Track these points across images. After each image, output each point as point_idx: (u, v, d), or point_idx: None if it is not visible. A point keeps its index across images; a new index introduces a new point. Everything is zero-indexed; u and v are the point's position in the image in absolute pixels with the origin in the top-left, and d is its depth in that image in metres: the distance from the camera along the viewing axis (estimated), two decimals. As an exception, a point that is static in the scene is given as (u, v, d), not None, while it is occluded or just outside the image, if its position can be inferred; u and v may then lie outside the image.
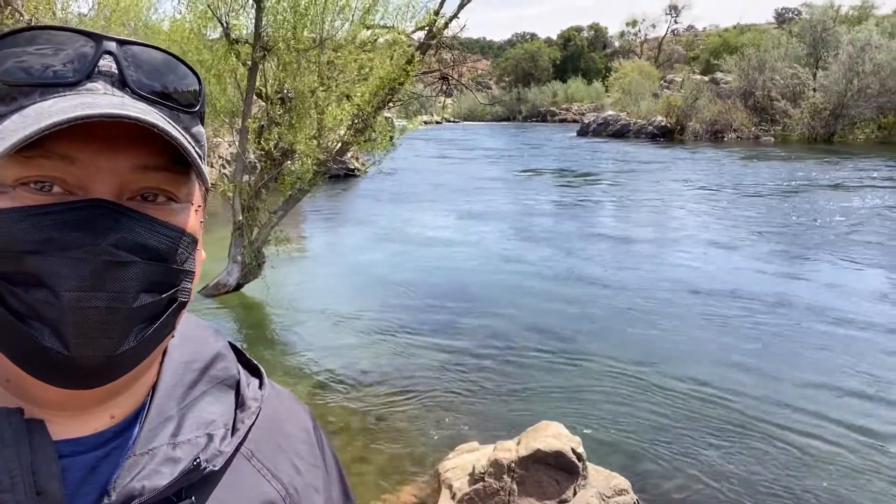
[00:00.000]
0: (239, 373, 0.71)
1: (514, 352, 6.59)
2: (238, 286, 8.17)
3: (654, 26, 75.98)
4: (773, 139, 33.00)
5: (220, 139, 17.42)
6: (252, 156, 8.76)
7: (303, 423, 0.77)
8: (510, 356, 6.49)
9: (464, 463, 4.13)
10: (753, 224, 12.90)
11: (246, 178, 8.28)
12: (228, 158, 15.87)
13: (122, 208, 0.52)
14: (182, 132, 0.56)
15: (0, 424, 0.53)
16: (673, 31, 76.22)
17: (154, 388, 0.63)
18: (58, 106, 0.49)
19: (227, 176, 8.99)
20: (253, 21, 7.59)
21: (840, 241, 11.36)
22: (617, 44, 78.42)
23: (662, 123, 36.04)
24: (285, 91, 7.85)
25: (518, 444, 3.98)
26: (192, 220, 0.59)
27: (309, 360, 6.45)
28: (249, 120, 7.94)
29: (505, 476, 3.79)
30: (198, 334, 0.71)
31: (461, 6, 8.50)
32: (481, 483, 3.83)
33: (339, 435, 4.93)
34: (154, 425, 0.60)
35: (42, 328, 0.50)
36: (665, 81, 48.33)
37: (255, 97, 8.08)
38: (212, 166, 18.23)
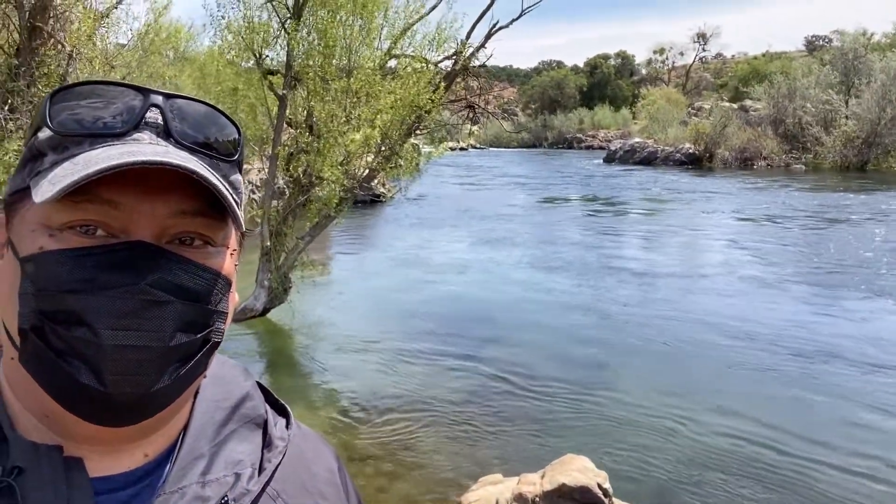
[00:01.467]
0: (267, 412, 0.73)
1: (539, 382, 6.50)
2: (265, 311, 8.23)
3: (681, 54, 75.97)
4: (804, 167, 32.54)
5: (249, 165, 17.77)
6: (281, 182, 8.89)
7: (328, 463, 0.78)
8: (534, 387, 6.40)
9: (487, 495, 4.05)
10: (786, 256, 12.59)
11: (274, 203, 8.40)
12: (258, 184, 16.13)
13: (160, 250, 0.55)
14: (220, 179, 0.58)
15: (41, 461, 0.55)
16: (701, 58, 76.11)
17: (186, 426, 0.64)
18: (104, 154, 0.52)
19: (256, 201, 9.13)
20: (285, 52, 7.77)
21: (876, 276, 11.01)
22: (644, 71, 78.52)
23: (690, 150, 35.79)
24: (314, 119, 7.98)
25: (542, 477, 3.90)
26: (228, 263, 0.61)
27: (333, 386, 6.44)
28: (279, 147, 8.08)
29: (529, 510, 3.71)
30: (228, 374, 0.72)
31: (488, 36, 8.60)
32: (505, 517, 3.75)
33: (362, 463, 4.89)
34: (185, 464, 0.61)
35: (80, 365, 0.52)
36: (693, 108, 48.13)
37: (284, 125, 8.23)
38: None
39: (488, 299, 9.68)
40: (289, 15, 7.69)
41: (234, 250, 0.62)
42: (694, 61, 74.86)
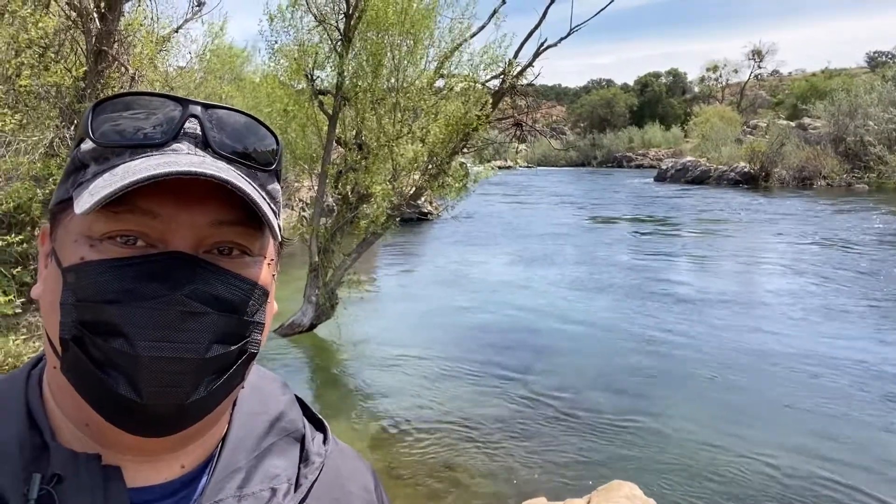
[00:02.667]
0: (304, 426, 0.72)
1: (584, 405, 6.36)
2: (311, 326, 8.34)
3: (735, 71, 74.30)
4: (866, 187, 31.18)
5: (300, 183, 18.17)
6: (330, 200, 9.05)
7: (365, 481, 0.76)
8: (580, 410, 6.26)
9: (530, 520, 3.97)
10: (849, 283, 11.88)
11: (323, 221, 8.54)
12: (308, 202, 16.48)
13: (197, 260, 0.55)
14: (258, 189, 0.58)
15: (79, 470, 0.55)
16: (756, 76, 74.32)
17: (224, 439, 0.64)
18: (143, 164, 0.52)
19: (305, 218, 9.30)
20: (335, 72, 7.95)
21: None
22: (697, 89, 77.10)
23: (745, 169, 34.81)
24: (362, 137, 8.11)
25: (588, 502, 3.79)
26: (265, 274, 0.60)
27: (376, 403, 6.45)
28: (328, 165, 8.24)
29: (573, 537, 3.61)
30: (266, 386, 0.72)
31: (536, 55, 8.60)
32: (548, 543, 3.65)
33: (403, 481, 4.86)
34: (222, 477, 0.61)
35: (118, 377, 0.52)
36: (748, 127, 46.92)
37: (334, 143, 8.39)
38: (292, 209, 18.97)
39: (534, 320, 9.56)
40: (339, 37, 7.87)
41: (272, 260, 0.62)
42: (749, 78, 73.13)
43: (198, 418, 0.56)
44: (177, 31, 8.17)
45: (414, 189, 8.75)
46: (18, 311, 5.61)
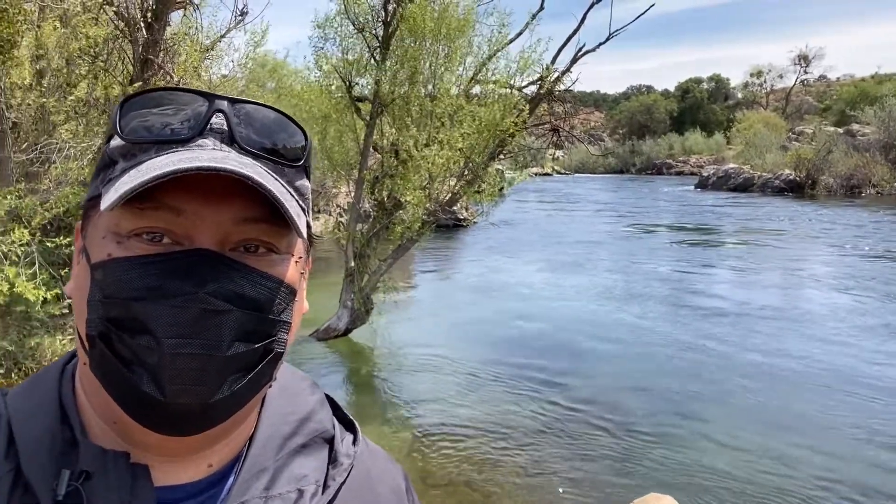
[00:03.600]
0: (334, 427, 0.71)
1: (621, 416, 6.24)
2: (347, 331, 8.41)
3: (781, 77, 72.54)
4: (920, 195, 30.03)
5: (338, 189, 18.39)
6: (367, 205, 9.12)
7: (395, 483, 0.75)
8: (616, 420, 6.15)
9: (564, 531, 3.90)
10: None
11: (359, 226, 8.61)
12: (345, 207, 16.65)
13: (221, 257, 0.54)
14: (285, 185, 0.58)
15: (107, 467, 0.55)
16: (802, 81, 72.40)
17: (251, 438, 0.63)
18: (166, 160, 0.52)
19: (342, 224, 9.40)
20: (372, 79, 8.03)
21: None
22: (740, 95, 75.53)
23: (791, 177, 33.92)
24: (399, 144, 8.16)
25: (623, 515, 3.71)
26: (291, 272, 0.59)
27: (411, 408, 6.45)
28: (365, 171, 8.31)
29: (608, 550, 3.53)
30: (295, 386, 0.71)
31: (574, 60, 8.53)
32: (582, 555, 3.59)
33: (435, 488, 4.84)
34: (248, 477, 0.60)
35: (142, 373, 0.52)
36: (793, 133, 45.75)
37: (371, 150, 8.47)
38: (330, 214, 19.21)
39: (570, 328, 9.45)
40: (377, 44, 7.95)
41: (300, 258, 0.61)
42: (795, 84, 71.29)
43: (223, 417, 0.56)
44: (220, 40, 8.36)
45: (449, 195, 8.76)
46: (66, 311, 5.80)
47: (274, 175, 0.57)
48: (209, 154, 0.53)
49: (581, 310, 10.48)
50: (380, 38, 7.94)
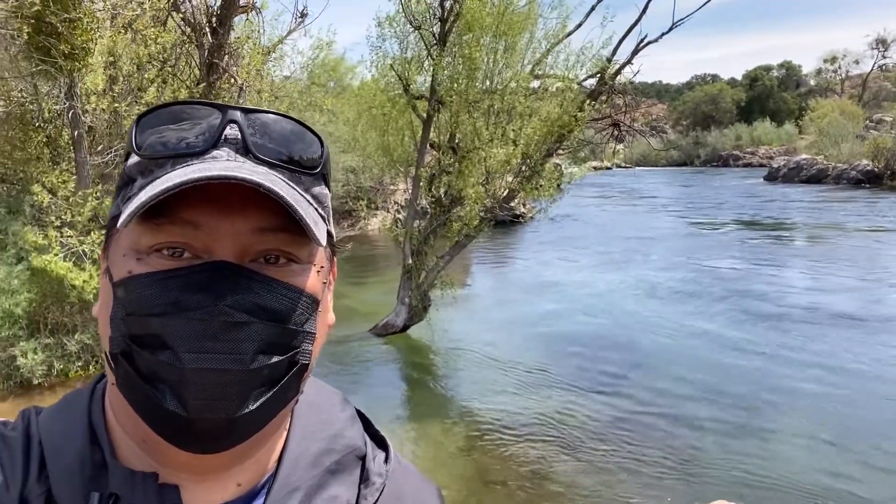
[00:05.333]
0: (366, 445, 0.69)
1: (685, 418, 6.05)
2: (404, 327, 8.47)
3: (857, 62, 68.57)
4: None
5: (395, 187, 18.58)
6: (424, 202, 9.16)
7: (428, 503, 0.73)
8: (679, 423, 5.96)
9: (625, 536, 3.80)
10: None
11: (417, 223, 8.66)
12: (403, 204, 16.79)
13: (240, 269, 0.53)
14: (301, 193, 0.56)
15: (135, 489, 0.55)
16: (881, 66, 68.27)
17: (281, 456, 0.62)
18: (179, 173, 0.51)
19: (400, 221, 9.48)
20: (430, 77, 8.04)
21: None
22: (812, 82, 71.90)
23: (868, 168, 32.08)
24: (456, 140, 8.15)
25: (688, 523, 3.58)
26: (313, 281, 0.58)
27: (468, 405, 6.44)
28: (422, 169, 8.34)
29: (671, 558, 3.42)
30: (325, 401, 0.70)
31: (634, 52, 8.29)
32: (644, 562, 3.49)
33: (494, 488, 4.82)
34: (280, 497, 0.59)
35: (165, 389, 0.51)
36: (871, 121, 43.28)
37: (428, 147, 8.49)
38: (388, 211, 19.42)
39: (631, 328, 9.23)
40: (434, 42, 7.95)
41: (322, 267, 0.59)
42: (872, 69, 67.32)
43: (250, 433, 0.55)
44: (282, 43, 8.55)
45: (507, 191, 8.68)
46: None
47: (290, 183, 0.56)
48: (222, 164, 0.52)
49: (642, 309, 10.21)
50: (437, 35, 7.94)
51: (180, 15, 6.64)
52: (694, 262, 13.98)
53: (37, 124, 6.72)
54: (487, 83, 8.15)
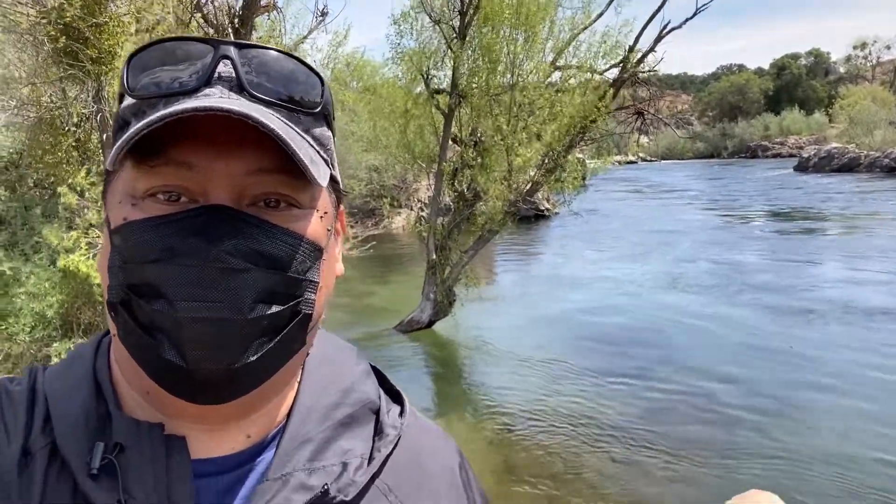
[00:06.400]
0: (380, 398, 0.67)
1: (716, 409, 5.94)
2: (430, 323, 8.47)
3: (888, 47, 66.85)
4: None
5: (418, 183, 18.59)
6: (447, 198, 9.15)
7: (448, 460, 0.70)
8: (710, 413, 5.86)
9: (657, 528, 3.74)
10: None
11: (440, 219, 8.65)
12: (426, 202, 16.80)
13: (238, 213, 0.51)
14: (301, 133, 0.54)
15: (141, 440, 0.53)
16: (914, 50, 66.43)
17: (292, 408, 0.61)
18: (169, 111, 0.48)
19: (423, 218, 9.49)
20: (450, 71, 8.02)
21: None
22: (842, 69, 70.31)
23: (902, 155, 31.23)
24: (478, 135, 8.12)
25: (722, 514, 3.51)
26: (315, 227, 0.55)
27: (494, 399, 6.41)
28: (445, 164, 8.33)
29: (705, 550, 3.35)
30: (339, 356, 0.68)
31: (657, 40, 8.16)
32: (677, 554, 3.43)
33: (521, 481, 4.78)
34: (289, 449, 0.58)
35: (163, 339, 0.49)
36: (905, 107, 42.07)
37: (450, 142, 8.47)
38: (411, 209, 19.45)
39: (658, 321, 9.09)
40: (454, 35, 7.93)
41: (325, 213, 0.57)
42: (906, 54, 65.54)
43: (254, 384, 0.53)
44: (303, 41, 8.60)
45: (530, 185, 8.63)
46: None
47: (288, 123, 0.53)
48: (213, 101, 0.49)
49: (670, 302, 10.06)
50: (456, 29, 7.91)
51: (202, 15, 6.71)
52: (722, 256, 13.73)
53: (66, 128, 6.86)
54: (509, 76, 8.10)
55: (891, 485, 4.55)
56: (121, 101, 0.56)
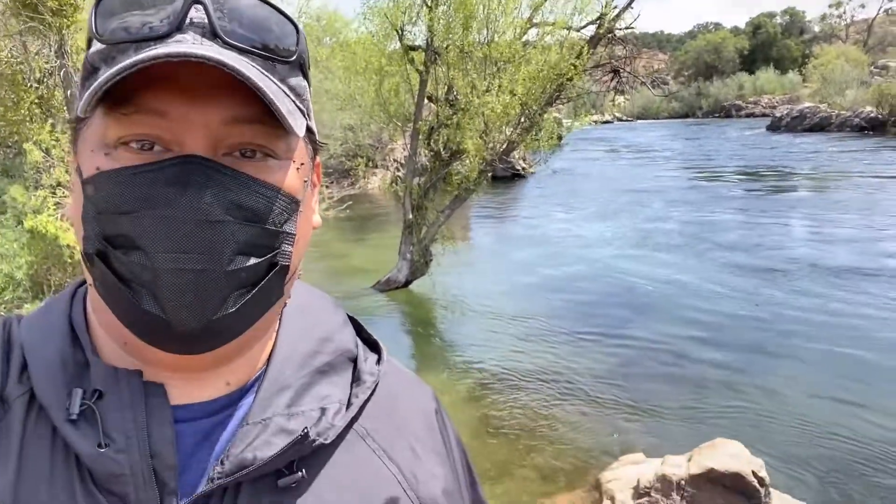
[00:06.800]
0: (357, 347, 0.68)
1: (686, 364, 6.13)
2: (407, 283, 8.51)
3: (863, 6, 67.25)
4: None
5: (394, 143, 18.39)
6: (423, 158, 9.08)
7: (424, 404, 0.72)
8: (681, 367, 6.05)
9: (627, 475, 3.89)
10: None
11: (416, 179, 8.60)
12: (402, 162, 16.66)
13: (213, 164, 0.50)
14: (276, 82, 0.53)
15: (120, 385, 0.54)
16: (886, 10, 66.72)
17: (270, 356, 0.62)
18: (140, 57, 0.47)
19: (399, 178, 9.43)
20: (426, 27, 7.87)
21: None
22: (817, 28, 70.45)
23: (872, 115, 31.66)
24: (454, 93, 8.03)
25: (689, 460, 3.67)
26: (292, 178, 0.55)
27: (471, 357, 6.52)
28: (420, 123, 8.24)
29: (674, 494, 3.51)
30: (316, 305, 0.69)
31: (635, -5, 8.09)
32: (647, 498, 3.58)
33: (498, 435, 4.91)
34: (269, 395, 0.59)
35: (141, 290, 0.49)
36: (876, 68, 42.57)
37: (426, 101, 8.37)
38: (387, 169, 19.28)
39: (631, 278, 9.25)
40: (430, -10, 7.76)
41: (302, 164, 0.57)
42: (878, 14, 65.79)
43: (233, 335, 0.53)
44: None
45: (506, 144, 8.60)
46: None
47: (263, 71, 0.52)
48: (186, 47, 0.48)
49: (639, 261, 10.23)
50: (432, -16, 7.74)
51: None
52: (693, 215, 13.95)
53: (28, 84, 6.63)
54: (485, 32, 7.98)
55: (851, 433, 4.77)
56: (89, 47, 0.54)
